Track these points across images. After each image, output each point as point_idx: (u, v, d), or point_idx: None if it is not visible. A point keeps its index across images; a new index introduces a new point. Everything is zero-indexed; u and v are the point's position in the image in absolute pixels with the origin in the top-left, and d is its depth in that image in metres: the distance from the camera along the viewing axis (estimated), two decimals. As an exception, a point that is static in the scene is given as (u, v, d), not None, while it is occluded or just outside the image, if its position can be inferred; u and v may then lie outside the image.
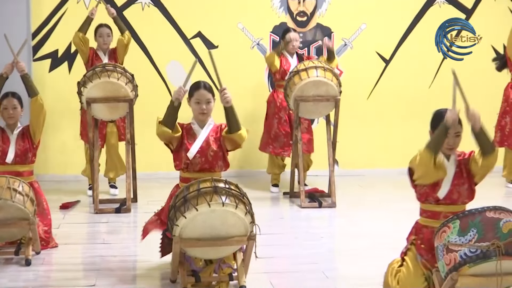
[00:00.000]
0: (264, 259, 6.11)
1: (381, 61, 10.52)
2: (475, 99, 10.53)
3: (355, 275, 6.09)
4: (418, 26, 10.55)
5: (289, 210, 8.55)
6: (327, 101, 8.63)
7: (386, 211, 7.99)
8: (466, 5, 10.58)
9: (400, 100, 10.51)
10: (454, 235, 4.43)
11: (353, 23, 10.45)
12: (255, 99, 10.27)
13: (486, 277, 4.39)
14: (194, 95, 5.96)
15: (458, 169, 5.21)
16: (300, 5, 10.36)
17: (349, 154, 10.33)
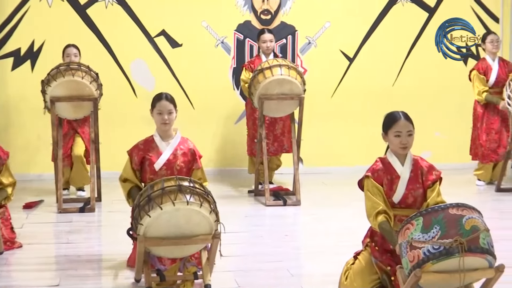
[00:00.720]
0: (229, 258, 6.12)
1: (345, 59, 10.55)
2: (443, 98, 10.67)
3: (319, 273, 6.12)
4: (381, 24, 10.60)
5: (254, 208, 8.56)
6: (291, 99, 8.64)
7: (350, 209, 8.01)
8: (429, 4, 10.65)
9: (364, 98, 10.56)
10: (417, 232, 4.46)
11: (317, 21, 10.48)
12: (220, 97, 10.27)
13: (449, 274, 4.41)
14: (156, 106, 6.00)
15: (413, 174, 5.26)
16: (264, 4, 10.36)
17: (313, 152, 10.36)
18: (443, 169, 6.08)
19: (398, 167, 5.28)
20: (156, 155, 5.95)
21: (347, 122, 10.56)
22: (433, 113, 10.62)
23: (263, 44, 9.19)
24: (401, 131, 5.23)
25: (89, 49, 9.45)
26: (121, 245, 6.46)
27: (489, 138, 9.46)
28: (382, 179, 5.24)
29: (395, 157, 5.30)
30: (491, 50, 9.44)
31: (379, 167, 5.28)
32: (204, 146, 9.69)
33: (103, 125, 8.90)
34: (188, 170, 5.99)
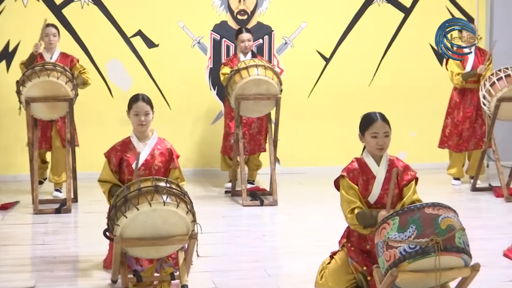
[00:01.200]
0: (206, 258, 6.12)
1: (322, 59, 10.58)
2: (419, 98, 10.72)
3: (297, 273, 6.13)
4: (357, 25, 10.63)
5: (231, 208, 8.56)
6: (268, 99, 8.65)
7: (327, 209, 8.02)
8: (404, 4, 10.70)
9: (340, 98, 10.58)
10: (393, 231, 4.47)
11: (294, 21, 10.49)
12: (196, 97, 10.26)
13: (425, 273, 4.43)
14: (132, 107, 5.99)
15: (389, 174, 5.28)
16: (241, 4, 10.36)
17: (290, 152, 10.38)
18: (419, 169, 6.12)
19: (373, 167, 5.30)
20: (134, 155, 5.93)
21: (323, 122, 10.58)
22: (408, 113, 10.66)
23: (241, 43, 9.20)
24: (378, 132, 5.25)
25: (65, 49, 9.39)
26: (98, 246, 6.44)
27: (464, 127, 9.51)
28: (357, 179, 5.27)
29: (371, 157, 5.32)
30: (468, 40, 9.49)
31: (355, 167, 5.30)
32: (181, 146, 9.67)
33: (79, 125, 8.86)
34: (166, 170, 5.98)
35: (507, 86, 8.74)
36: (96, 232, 6.19)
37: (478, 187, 9.36)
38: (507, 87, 8.74)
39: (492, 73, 8.93)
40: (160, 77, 10.20)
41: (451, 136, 9.60)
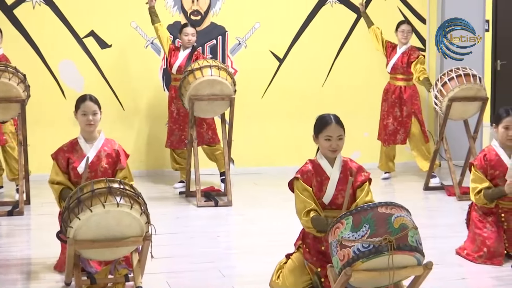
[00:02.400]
0: (160, 259, 6.09)
1: (275, 60, 10.60)
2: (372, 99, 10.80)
3: (251, 273, 6.13)
4: (311, 25, 10.68)
5: (185, 209, 8.53)
6: (222, 100, 8.65)
7: (281, 209, 8.05)
8: (357, 5, 10.75)
9: (294, 99, 10.61)
10: (347, 231, 4.50)
11: (247, 22, 10.50)
12: (150, 98, 10.22)
13: (379, 272, 4.47)
14: (80, 107, 5.99)
15: (343, 175, 5.33)
16: (194, 4, 10.34)
17: (244, 153, 10.39)
18: (372, 169, 6.19)
19: (327, 168, 5.34)
20: (80, 158, 5.93)
21: (277, 122, 10.60)
22: (362, 113, 10.73)
23: (184, 37, 9.23)
24: (331, 136, 5.29)
25: (16, 50, 9.31)
26: (51, 248, 6.38)
27: (388, 122, 9.79)
28: (311, 181, 5.30)
29: (324, 159, 5.36)
30: (401, 40, 9.83)
31: (308, 169, 5.33)
32: (135, 147, 9.67)
33: (31, 127, 8.78)
34: (113, 172, 5.97)
35: (458, 86, 8.83)
36: (49, 234, 6.14)
37: (430, 186, 9.45)
38: (458, 87, 8.83)
39: (444, 73, 9.03)
40: (113, 77, 10.14)
41: (381, 130, 10.00)
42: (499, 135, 6.48)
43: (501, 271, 6.15)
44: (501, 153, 6.48)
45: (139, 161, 9.96)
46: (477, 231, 6.47)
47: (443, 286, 5.79)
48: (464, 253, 6.50)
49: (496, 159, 6.46)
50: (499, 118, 6.46)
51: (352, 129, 9.24)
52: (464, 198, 8.61)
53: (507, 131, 6.42)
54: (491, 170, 6.46)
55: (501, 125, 6.44)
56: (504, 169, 6.40)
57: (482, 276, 6.10)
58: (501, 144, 6.51)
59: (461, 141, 9.80)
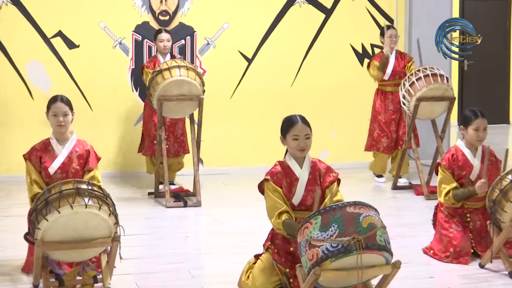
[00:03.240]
0: (129, 260, 6.08)
1: (244, 60, 10.60)
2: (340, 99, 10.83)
3: (220, 273, 6.13)
4: (279, 25, 10.69)
5: (154, 210, 8.51)
6: (191, 100, 8.63)
7: (250, 209, 8.06)
8: (325, 5, 10.79)
9: (263, 99, 10.62)
10: (316, 230, 4.51)
11: (216, 22, 10.49)
12: (118, 98, 10.18)
13: (347, 271, 4.48)
14: (51, 108, 5.97)
15: (312, 176, 5.35)
16: (162, 4, 10.31)
17: (213, 153, 10.38)
18: (341, 168, 6.21)
19: (296, 169, 5.36)
20: (51, 158, 5.90)
21: (246, 122, 10.60)
22: (330, 113, 10.77)
23: (160, 43, 9.18)
24: (298, 135, 5.31)
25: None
26: (19, 250, 6.33)
27: (392, 129, 9.63)
28: (281, 182, 5.31)
29: (293, 160, 5.38)
30: (389, 45, 9.63)
31: (278, 170, 5.35)
32: (103, 148, 9.57)
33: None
34: (84, 173, 5.95)
35: (426, 86, 8.88)
36: (16, 236, 6.10)
37: (399, 186, 9.50)
38: (426, 87, 8.88)
39: (412, 73, 9.07)
40: (81, 78, 10.09)
41: (380, 138, 9.71)
42: (469, 136, 6.52)
43: (469, 270, 6.20)
44: (467, 153, 6.53)
45: (107, 162, 9.90)
46: (443, 231, 6.51)
47: (412, 285, 5.82)
48: (431, 253, 6.54)
49: (463, 160, 6.52)
50: (468, 120, 6.51)
51: (321, 129, 9.28)
52: (432, 197, 8.66)
53: (477, 132, 6.47)
54: (458, 171, 6.51)
55: (470, 127, 6.48)
56: (470, 169, 6.47)
57: (450, 274, 6.15)
58: (468, 144, 6.56)
59: (428, 141, 9.86)
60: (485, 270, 6.16)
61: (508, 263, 6.02)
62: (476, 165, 6.48)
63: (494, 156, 6.62)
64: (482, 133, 6.48)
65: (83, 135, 6.34)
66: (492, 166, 6.52)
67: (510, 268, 6.00)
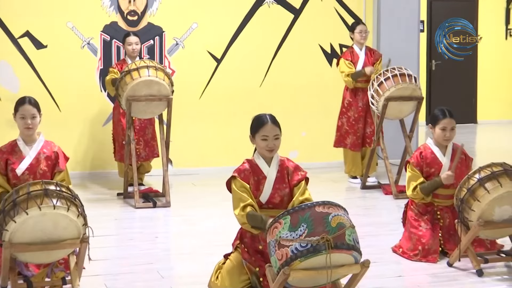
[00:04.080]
0: (98, 261, 6.06)
1: (213, 60, 10.59)
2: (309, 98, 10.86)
3: (190, 274, 6.12)
4: (248, 25, 10.70)
5: (123, 211, 8.48)
6: (160, 100, 8.61)
7: (220, 209, 8.06)
8: (294, 5, 10.82)
9: (232, 99, 10.62)
10: (285, 230, 4.52)
11: (184, 22, 10.48)
12: (87, 99, 10.12)
13: (317, 271, 4.49)
14: (19, 110, 5.95)
15: (280, 174, 5.37)
16: (131, 4, 10.28)
17: (182, 153, 10.37)
18: (310, 168, 6.22)
19: (264, 168, 5.37)
20: (19, 160, 5.88)
21: (215, 122, 10.60)
22: (299, 113, 10.79)
23: (128, 46, 9.14)
24: (268, 135, 5.32)
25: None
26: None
27: (359, 126, 9.65)
28: (248, 179, 5.32)
29: (262, 158, 5.40)
30: (359, 41, 9.66)
31: (246, 168, 5.36)
32: (72, 149, 9.57)
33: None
34: (52, 174, 5.92)
35: (394, 86, 8.93)
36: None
37: (368, 185, 9.54)
38: (394, 86, 8.93)
39: (380, 73, 9.11)
40: (49, 78, 10.03)
41: (347, 135, 9.72)
42: (436, 136, 6.58)
43: (438, 268, 6.24)
44: (436, 151, 6.59)
45: (76, 162, 9.85)
46: (413, 230, 6.56)
47: (380, 283, 5.85)
48: (400, 251, 6.58)
49: (431, 157, 6.57)
50: (436, 119, 6.56)
51: (290, 128, 9.31)
52: (400, 197, 8.72)
53: (444, 132, 6.52)
54: (426, 168, 6.56)
55: (438, 126, 6.54)
56: (439, 167, 6.52)
57: (419, 273, 6.19)
58: (436, 143, 6.61)
59: (397, 140, 9.91)
60: (453, 269, 6.21)
61: (476, 262, 6.07)
62: (445, 163, 6.53)
63: (465, 154, 6.68)
64: (449, 132, 6.53)
65: (52, 135, 6.31)
66: (462, 164, 6.58)
67: (478, 267, 6.05)
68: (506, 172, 6.01)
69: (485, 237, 6.23)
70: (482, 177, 6.00)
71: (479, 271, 6.02)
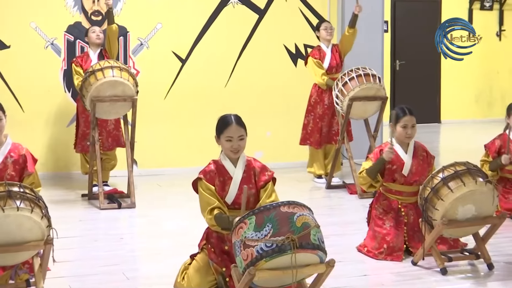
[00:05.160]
0: (62, 263, 6.02)
1: (178, 60, 10.57)
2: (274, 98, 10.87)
3: (156, 275, 6.11)
4: (213, 25, 10.69)
5: (88, 212, 8.44)
6: (124, 101, 8.58)
7: (186, 210, 8.05)
8: (259, 6, 10.83)
9: (197, 99, 10.61)
10: (250, 230, 4.53)
11: (149, 22, 10.45)
12: (51, 99, 10.06)
13: (282, 270, 4.51)
14: None
15: (246, 175, 5.37)
16: (95, 4, 10.23)
17: (147, 154, 10.34)
18: (276, 168, 6.23)
19: (230, 168, 5.36)
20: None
21: (180, 123, 10.58)
22: (264, 113, 10.81)
23: (92, 34, 9.08)
24: (232, 136, 5.32)
25: None
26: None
27: (323, 124, 9.66)
28: (214, 181, 5.32)
29: (227, 159, 5.39)
30: (325, 37, 9.67)
31: (211, 169, 5.35)
32: (36, 149, 9.45)
33: None
34: (20, 178, 5.87)
35: (358, 86, 8.98)
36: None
37: (332, 185, 9.58)
38: (359, 86, 8.97)
39: (344, 73, 9.15)
40: (13, 79, 9.95)
41: (312, 133, 9.74)
42: (398, 134, 6.63)
43: (402, 267, 6.28)
44: (398, 149, 6.64)
45: (40, 164, 9.76)
46: (377, 228, 6.60)
47: (345, 283, 5.88)
48: (364, 250, 6.62)
49: (394, 155, 6.60)
50: (397, 117, 6.61)
51: (255, 129, 9.30)
52: (365, 196, 8.76)
53: (406, 129, 6.57)
54: (388, 165, 6.60)
55: (399, 124, 6.59)
56: (401, 165, 6.57)
57: (383, 272, 6.22)
58: (398, 141, 6.66)
59: (361, 140, 9.96)
60: (417, 267, 6.25)
61: (440, 260, 6.12)
62: (407, 160, 6.58)
63: (426, 151, 6.74)
64: (410, 130, 6.59)
65: (15, 136, 6.25)
66: (423, 161, 6.64)
67: (442, 265, 6.10)
68: (469, 172, 6.07)
69: (449, 235, 6.29)
70: (446, 176, 6.05)
71: (443, 270, 6.07)
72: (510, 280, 5.98)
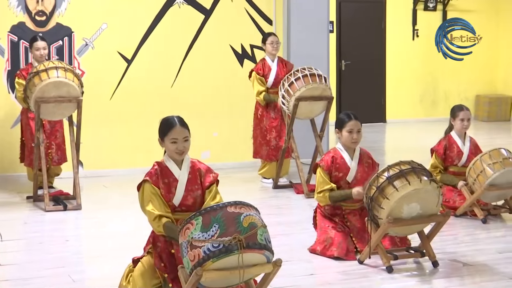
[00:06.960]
0: (7, 266, 5.96)
1: (123, 61, 10.51)
2: (221, 99, 10.87)
3: (101, 277, 6.07)
4: (159, 26, 10.65)
5: (33, 214, 8.35)
6: (69, 102, 8.50)
7: (131, 211, 8.00)
8: (205, 6, 10.82)
9: (143, 100, 10.57)
10: (197, 231, 4.53)
11: (94, 22, 10.37)
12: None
13: (229, 271, 4.52)
14: None
15: (192, 176, 5.36)
16: (39, 4, 10.12)
17: (93, 155, 10.26)
18: (223, 168, 6.23)
19: (175, 170, 5.34)
20: None
21: (126, 124, 10.53)
22: (211, 113, 10.81)
23: (36, 52, 8.93)
24: (177, 138, 5.30)
25: None
26: None
27: (271, 136, 9.67)
28: (158, 183, 5.29)
29: (171, 161, 5.36)
30: (271, 52, 9.66)
31: (156, 171, 5.32)
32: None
33: None
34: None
35: (304, 86, 9.01)
36: None
37: (279, 185, 9.60)
38: (305, 86, 9.01)
39: (290, 73, 9.17)
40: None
41: (261, 146, 9.74)
42: (343, 139, 6.68)
43: (348, 266, 6.32)
44: (345, 155, 6.70)
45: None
46: (324, 234, 6.63)
47: (293, 282, 5.90)
48: (318, 251, 6.62)
49: (341, 162, 6.67)
50: (342, 123, 6.67)
51: (202, 129, 9.32)
52: (312, 196, 8.77)
53: (351, 134, 6.63)
54: (335, 172, 6.65)
55: (344, 129, 6.65)
56: (347, 171, 6.63)
57: (330, 271, 6.26)
58: (345, 147, 6.72)
59: (308, 140, 10.01)
60: (364, 266, 6.30)
61: (386, 258, 6.17)
62: (353, 167, 6.64)
63: (371, 159, 6.81)
64: (356, 135, 6.65)
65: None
66: (369, 168, 6.71)
67: (387, 263, 6.15)
68: (414, 170, 6.14)
69: (394, 234, 6.35)
70: (391, 175, 6.11)
71: (389, 268, 6.13)
72: (454, 277, 6.06)
